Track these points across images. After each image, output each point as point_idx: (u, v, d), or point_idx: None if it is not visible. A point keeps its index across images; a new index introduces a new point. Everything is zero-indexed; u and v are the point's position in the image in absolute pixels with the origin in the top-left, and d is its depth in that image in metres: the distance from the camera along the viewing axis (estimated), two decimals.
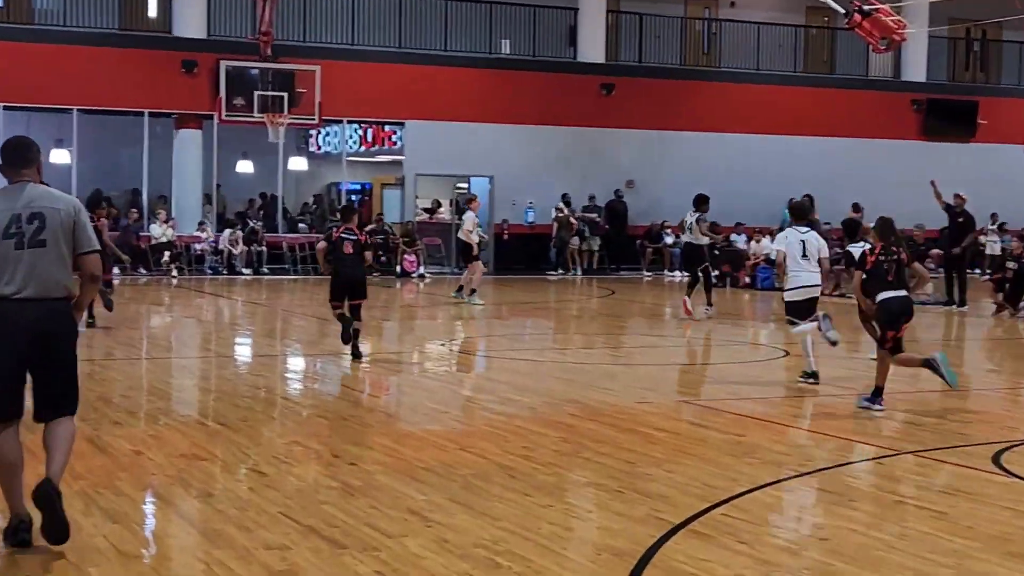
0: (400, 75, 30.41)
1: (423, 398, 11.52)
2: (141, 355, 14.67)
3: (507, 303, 22.78)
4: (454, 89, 30.84)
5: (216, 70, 28.17)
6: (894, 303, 10.59)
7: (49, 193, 6.27)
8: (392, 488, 7.41)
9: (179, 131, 29.28)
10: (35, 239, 6.07)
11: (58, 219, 6.13)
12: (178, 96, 28.55)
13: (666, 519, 6.76)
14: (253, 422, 9.80)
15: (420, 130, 30.72)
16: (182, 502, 7.13)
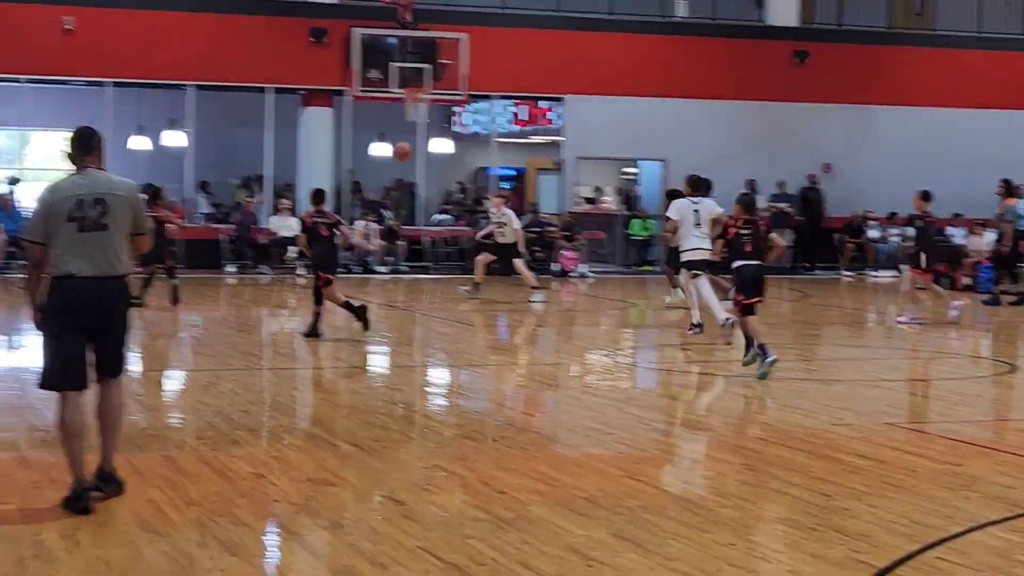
0: (558, 43, 30.48)
1: (584, 417, 11.52)
2: (262, 365, 14.95)
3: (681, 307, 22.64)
4: (621, 59, 30.81)
5: (348, 39, 28.60)
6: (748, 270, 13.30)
7: (110, 179, 7.74)
8: (548, 521, 7.43)
9: (306, 109, 29.78)
10: (98, 222, 7.49)
11: (119, 204, 7.57)
12: (305, 69, 29.04)
13: (868, 562, 6.66)
14: (389, 443, 9.91)
15: (581, 107, 30.76)
16: (308, 533, 7.25)
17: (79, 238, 7.45)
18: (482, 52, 29.11)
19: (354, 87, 28.53)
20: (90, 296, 7.49)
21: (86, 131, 7.86)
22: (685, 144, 31.03)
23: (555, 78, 30.55)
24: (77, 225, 7.45)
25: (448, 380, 14.25)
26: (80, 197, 7.50)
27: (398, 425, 10.89)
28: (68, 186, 7.62)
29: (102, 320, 7.59)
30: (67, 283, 7.46)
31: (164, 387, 13.41)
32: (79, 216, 7.46)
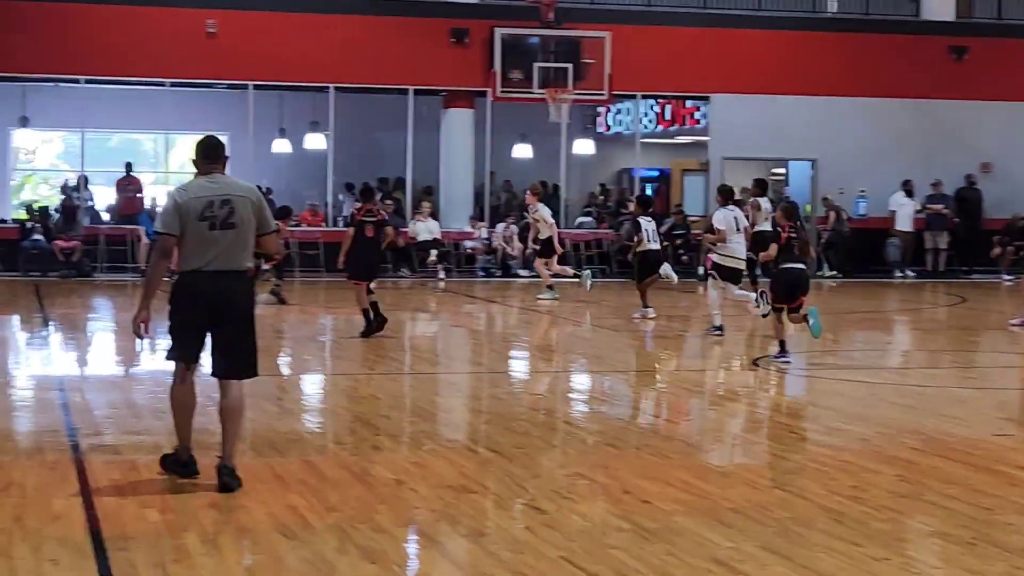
0: (704, 41, 30.32)
1: (731, 425, 11.43)
2: (403, 369, 15.06)
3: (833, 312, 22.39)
4: (769, 56, 30.54)
5: (490, 39, 28.74)
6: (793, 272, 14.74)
7: (236, 183, 8.54)
8: (693, 532, 7.38)
9: (447, 110, 29.98)
10: (226, 222, 8.26)
11: (245, 205, 8.34)
12: (447, 70, 29.23)
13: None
14: (530, 450, 9.91)
15: (728, 105, 30.55)
16: (449, 541, 7.27)
17: (209, 236, 8.22)
18: (626, 51, 29.05)
19: (496, 88, 28.65)
20: (216, 290, 8.26)
21: (212, 140, 8.64)
22: (835, 143, 30.67)
23: (701, 76, 30.37)
24: (208, 224, 8.22)
25: (590, 386, 14.23)
26: (210, 198, 8.27)
27: (539, 432, 10.89)
28: (197, 188, 8.39)
29: (226, 313, 8.31)
30: (195, 277, 8.29)
31: (304, 391, 13.57)
32: (210, 216, 8.23)
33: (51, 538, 7.03)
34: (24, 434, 10.43)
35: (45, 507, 7.72)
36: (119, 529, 7.22)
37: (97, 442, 9.90)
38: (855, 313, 22.78)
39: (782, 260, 14.79)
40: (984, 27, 31.95)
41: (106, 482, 8.42)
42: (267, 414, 11.40)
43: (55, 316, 19.86)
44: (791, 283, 14.76)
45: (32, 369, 14.77)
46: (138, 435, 10.28)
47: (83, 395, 12.20)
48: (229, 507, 7.78)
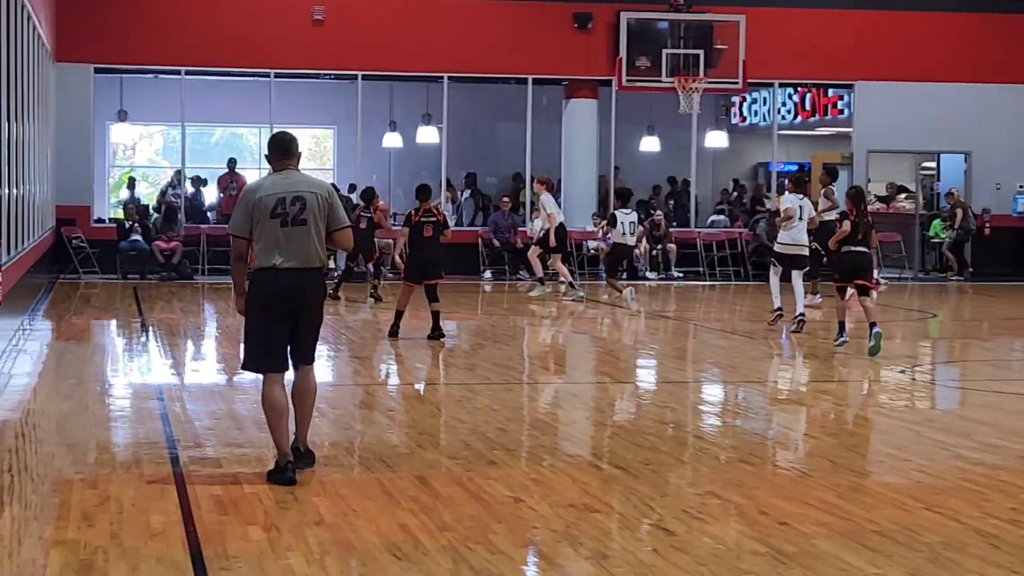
0: (847, 24, 30.07)
1: (876, 441, 11.31)
2: (522, 379, 15.09)
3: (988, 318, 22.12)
4: (920, 39, 30.22)
5: (615, 25, 28.74)
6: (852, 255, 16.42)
7: (308, 179, 9.31)
8: (835, 557, 7.31)
9: (569, 101, 29.99)
10: (297, 218, 8.90)
11: (316, 202, 8.98)
12: (569, 58, 29.26)
13: None
14: (658, 466, 9.88)
15: (874, 94, 30.26)
16: (569, 563, 7.27)
17: (281, 233, 8.88)
18: (762, 36, 28.89)
19: (621, 77, 28.62)
20: (290, 286, 8.91)
21: (285, 136, 9.41)
22: (991, 135, 30.27)
23: (844, 63, 30.10)
24: (280, 221, 8.88)
25: (723, 398, 14.16)
26: (282, 195, 8.94)
27: (668, 447, 10.86)
28: (270, 185, 9.08)
29: (300, 308, 8.99)
30: (270, 274, 8.91)
31: (416, 402, 13.64)
32: (281, 213, 8.89)
33: (149, 557, 7.13)
34: (122, 446, 10.59)
35: (143, 524, 7.83)
36: (220, 548, 7.31)
37: (198, 455, 10.03)
38: (1014, 319, 22.44)
39: (845, 243, 16.41)
40: None
41: (207, 498, 8.52)
42: (377, 427, 11.49)
43: (154, 321, 20.17)
44: (852, 264, 16.41)
45: (130, 377, 15.02)
46: (240, 447, 10.39)
47: (183, 405, 12.37)
48: (336, 525, 7.84)
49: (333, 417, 12.00)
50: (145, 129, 34.40)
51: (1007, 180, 30.62)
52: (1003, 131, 30.26)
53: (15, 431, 11.39)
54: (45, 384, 13.92)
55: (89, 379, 14.28)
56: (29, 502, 8.67)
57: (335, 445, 10.59)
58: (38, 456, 10.25)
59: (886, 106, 30.11)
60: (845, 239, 16.38)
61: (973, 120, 30.19)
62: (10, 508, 8.43)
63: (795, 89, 32.51)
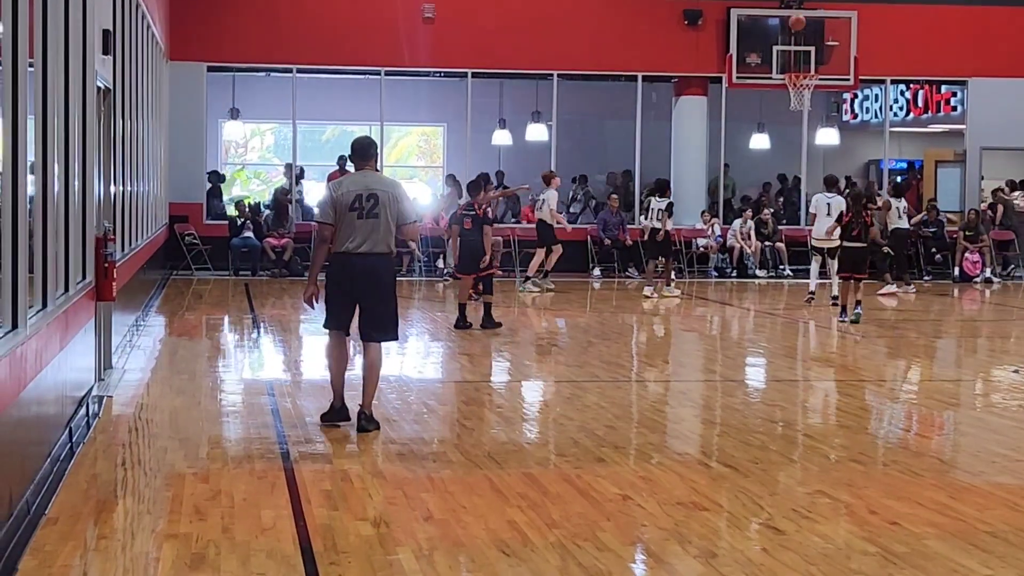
0: (960, 19, 29.73)
1: (989, 441, 11.18)
2: (631, 376, 15.06)
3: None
4: None
5: (726, 21, 28.65)
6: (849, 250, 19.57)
7: (381, 179, 11.19)
8: (947, 558, 7.24)
9: (679, 98, 29.93)
10: (371, 212, 10.59)
11: (386, 198, 10.64)
12: (678, 55, 29.19)
13: None
14: (767, 465, 9.84)
15: (988, 90, 29.89)
16: (678, 562, 7.25)
17: (357, 224, 10.57)
18: (873, 31, 28.64)
19: (732, 74, 28.51)
20: (361, 268, 10.64)
21: (363, 141, 11.08)
22: None
23: (957, 59, 29.76)
24: (356, 214, 10.57)
25: (833, 396, 14.05)
26: (359, 192, 10.60)
27: (777, 445, 10.80)
28: (350, 183, 10.81)
29: (368, 287, 10.70)
30: (344, 258, 10.67)
31: (525, 398, 13.67)
32: (358, 207, 10.57)
33: (259, 551, 7.20)
34: (233, 441, 10.71)
35: (254, 518, 7.92)
36: (330, 543, 7.37)
37: (308, 450, 10.12)
38: None
39: (844, 238, 19.55)
40: None
41: (317, 493, 8.60)
42: (485, 423, 11.53)
43: (265, 317, 20.37)
44: (851, 258, 19.42)
45: (241, 373, 15.17)
46: (351, 443, 10.47)
47: (293, 401, 12.48)
48: (445, 522, 7.88)
49: (442, 414, 12.07)
50: (257, 127, 34.72)
51: None
52: None
53: (128, 426, 11.55)
54: (158, 379, 14.10)
55: (201, 375, 14.46)
56: (142, 496, 8.78)
57: (444, 442, 10.64)
58: (151, 451, 10.39)
59: (1000, 103, 29.72)
60: (844, 235, 19.53)
61: None
62: (123, 501, 8.56)
63: (907, 86, 32.19)
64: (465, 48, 28.68)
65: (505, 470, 9.42)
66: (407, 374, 15.06)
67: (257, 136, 35.30)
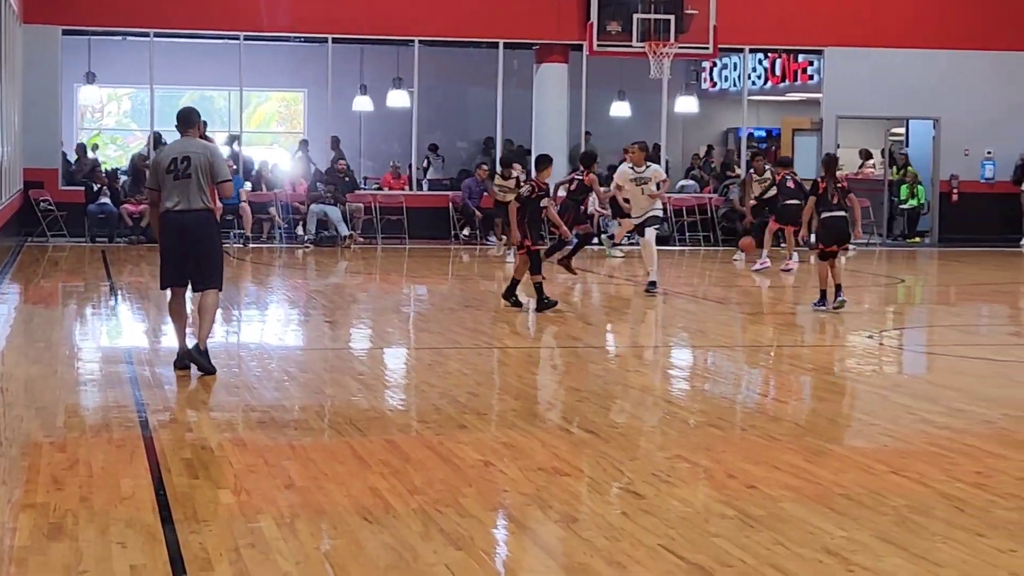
0: None
1: (844, 405, 11.36)
2: (491, 343, 15.10)
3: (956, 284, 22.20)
4: (888, 6, 30.22)
5: None
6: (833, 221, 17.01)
7: (197, 143, 11.94)
8: (803, 520, 7.35)
9: (540, 66, 29.93)
10: (184, 173, 11.60)
11: (199, 160, 11.63)
12: (540, 22, 29.18)
13: None
14: (627, 430, 9.92)
15: (844, 60, 30.27)
16: (540, 527, 7.30)
17: (173, 184, 11.61)
18: (732, 1, 28.85)
19: (592, 41, 28.57)
20: (180, 224, 11.64)
21: (187, 110, 12.25)
22: (961, 101, 30.33)
23: (814, 28, 30.09)
24: (173, 175, 11.60)
25: (692, 362, 14.20)
26: (175, 156, 11.69)
27: (637, 411, 10.90)
28: (168, 150, 12.11)
29: (191, 241, 11.67)
30: (166, 216, 11.68)
31: (387, 365, 13.66)
32: (173, 169, 11.61)
33: (119, 520, 7.13)
34: (91, 410, 10.58)
35: (113, 487, 7.83)
36: (190, 511, 7.31)
37: (167, 419, 10.04)
38: (981, 285, 22.55)
39: (822, 209, 17.05)
40: None
41: (176, 461, 8.53)
42: (347, 390, 11.50)
43: (123, 284, 20.10)
44: (837, 229, 17.03)
45: (99, 341, 14.99)
46: (210, 411, 10.40)
47: (152, 369, 12.35)
48: (307, 489, 7.86)
49: (303, 381, 12.02)
50: (113, 91, 34.20)
51: (975, 146, 30.69)
52: (973, 97, 30.32)
53: None
54: (13, 348, 13.89)
55: (58, 343, 14.25)
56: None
57: (305, 409, 10.61)
58: (6, 420, 10.22)
59: (856, 72, 30.12)
60: (822, 206, 16.99)
61: (943, 86, 30.24)
62: None
63: (765, 55, 32.54)
64: (325, 13, 28.43)
65: (367, 437, 9.41)
66: (268, 341, 14.99)
67: (114, 101, 34.77)
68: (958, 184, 30.67)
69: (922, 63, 30.13)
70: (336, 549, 6.75)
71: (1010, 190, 30.36)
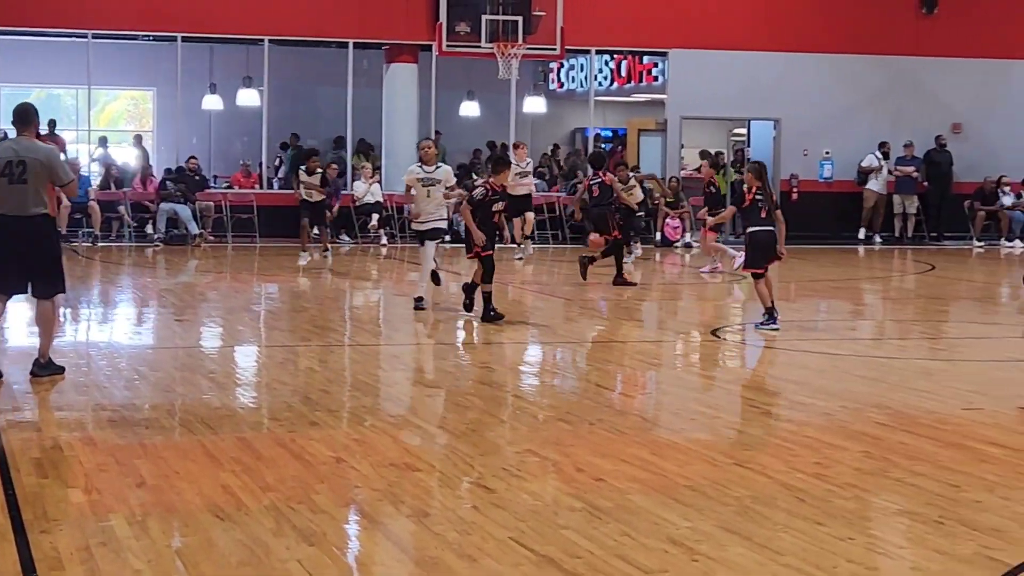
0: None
1: (688, 399, 11.49)
2: (343, 341, 15.04)
3: (795, 280, 22.53)
4: (730, 9, 30.63)
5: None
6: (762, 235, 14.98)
7: (33, 145, 11.17)
8: (649, 512, 7.43)
9: (390, 65, 29.88)
10: (20, 177, 10.97)
11: (35, 164, 10.98)
12: (390, 22, 29.13)
13: (1000, 559, 6.59)
14: (478, 426, 9.94)
15: (687, 62, 30.60)
16: (391, 522, 7.30)
17: (8, 188, 10.97)
18: (579, 3, 29.03)
19: (441, 42, 28.57)
20: (15, 230, 11.04)
21: (23, 107, 11.42)
22: (800, 102, 30.84)
23: (659, 31, 30.38)
24: (7, 179, 10.97)
25: (542, 358, 14.26)
26: (9, 159, 11.01)
27: (488, 407, 10.92)
28: (2, 150, 11.24)
29: (26, 247, 11.14)
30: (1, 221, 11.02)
31: (238, 363, 13.54)
32: (8, 173, 10.97)
33: None
34: None
35: None
36: (40, 511, 7.20)
37: (16, 418, 9.86)
38: (819, 281, 22.91)
39: (751, 223, 15.14)
40: None
41: (25, 461, 8.38)
42: (198, 388, 11.39)
43: None
44: (765, 246, 15.07)
45: None
46: (60, 411, 10.25)
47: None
48: (158, 487, 7.78)
49: (154, 380, 11.88)
50: None
51: (814, 147, 31.22)
52: (811, 99, 30.84)
53: None
54: None
55: None
56: None
57: (156, 407, 10.49)
58: None
59: (699, 74, 30.47)
60: (751, 219, 15.13)
61: (783, 88, 30.71)
62: None
63: (611, 56, 32.75)
64: (175, 11, 28.10)
65: (218, 435, 9.34)
66: (118, 340, 14.79)
67: None
68: (798, 183, 31.18)
69: (763, 65, 30.56)
70: (188, 547, 6.69)
71: (848, 189, 30.89)
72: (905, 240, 31.11)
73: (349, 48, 29.48)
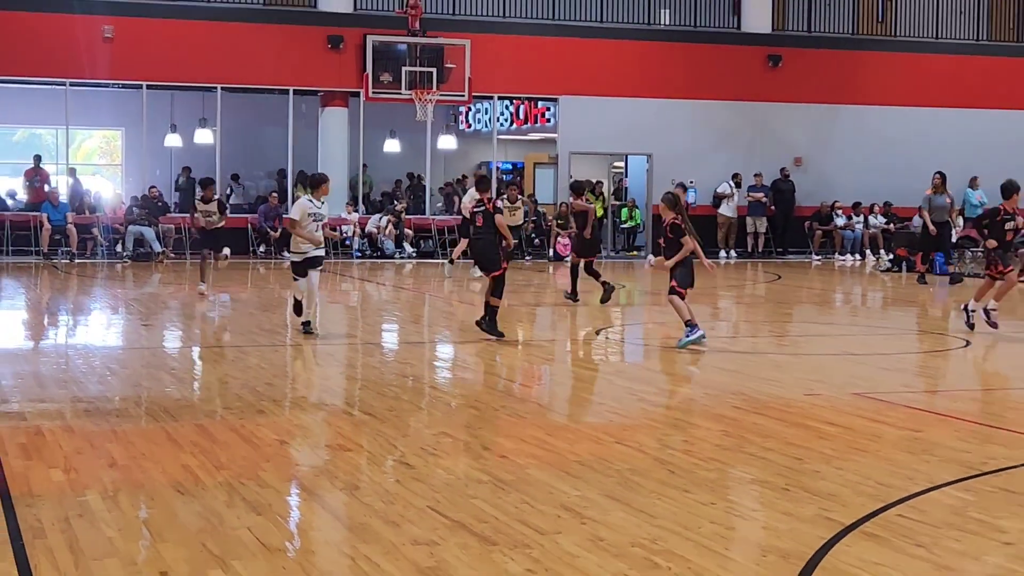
0: (553, 48, 30.46)
1: (578, 389, 11.51)
2: (285, 342, 14.94)
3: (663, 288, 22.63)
4: (610, 63, 30.78)
5: (363, 46, 28.59)
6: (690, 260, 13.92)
7: None
8: (544, 483, 7.43)
9: (325, 109, 29.77)
10: None
11: None
12: (324, 73, 29.03)
13: (836, 519, 6.65)
14: (400, 412, 9.91)
15: (574, 106, 30.73)
16: (327, 494, 7.25)
17: None
18: (484, 57, 29.09)
19: (368, 89, 28.50)
20: None
21: None
22: (668, 140, 31.05)
23: (550, 80, 30.52)
24: None
25: (453, 355, 14.24)
26: None
27: (408, 396, 10.89)
28: None
29: None
30: None
31: (196, 362, 13.40)
32: None
33: None
34: None
35: None
36: (26, 488, 7.08)
37: (4, 409, 9.70)
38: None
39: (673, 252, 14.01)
40: (796, 39, 32.48)
41: (13, 446, 8.24)
42: (161, 383, 11.25)
43: None
44: (692, 267, 14.16)
45: None
46: (43, 402, 10.08)
47: None
48: (128, 467, 7.67)
49: (123, 376, 11.72)
50: None
51: (680, 177, 31.38)
52: (677, 137, 31.07)
53: None
54: None
55: None
56: None
57: (125, 399, 10.35)
58: None
59: (584, 116, 30.62)
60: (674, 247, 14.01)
61: (654, 128, 30.90)
62: None
63: (511, 101, 32.81)
64: (141, 63, 27.86)
65: (179, 422, 9.23)
66: (92, 342, 14.59)
67: None
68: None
69: (637, 109, 30.75)
70: (153, 517, 6.61)
71: (708, 212, 31.12)
72: (756, 255, 31.41)
73: (290, 95, 29.34)
